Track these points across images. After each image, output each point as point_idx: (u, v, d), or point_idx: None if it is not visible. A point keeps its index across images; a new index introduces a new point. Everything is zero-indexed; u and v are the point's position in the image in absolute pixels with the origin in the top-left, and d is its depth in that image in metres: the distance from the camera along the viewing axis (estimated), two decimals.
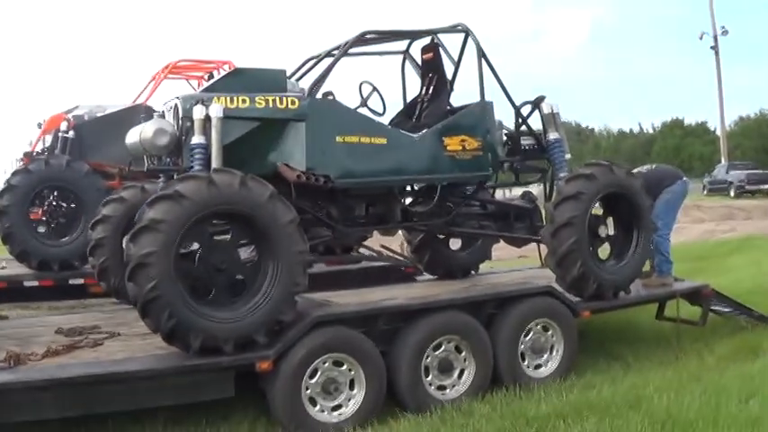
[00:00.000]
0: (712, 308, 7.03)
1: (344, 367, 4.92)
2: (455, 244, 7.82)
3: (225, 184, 4.54)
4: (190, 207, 4.42)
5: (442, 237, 7.47)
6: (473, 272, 7.78)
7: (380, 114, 6.31)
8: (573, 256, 5.82)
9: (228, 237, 4.77)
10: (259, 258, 4.75)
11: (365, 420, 4.89)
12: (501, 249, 7.52)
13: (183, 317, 4.40)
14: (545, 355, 5.79)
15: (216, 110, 4.98)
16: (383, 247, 9.22)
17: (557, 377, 5.71)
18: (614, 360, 6.38)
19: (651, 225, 6.35)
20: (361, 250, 8.99)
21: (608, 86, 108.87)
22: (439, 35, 6.49)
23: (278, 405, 4.71)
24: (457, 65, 6.34)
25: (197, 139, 4.99)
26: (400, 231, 7.60)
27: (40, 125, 8.54)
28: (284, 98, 5.25)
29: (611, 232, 6.35)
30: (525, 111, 6.51)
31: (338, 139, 5.39)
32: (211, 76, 9.10)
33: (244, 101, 5.16)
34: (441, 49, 6.47)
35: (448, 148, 5.86)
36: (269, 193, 4.66)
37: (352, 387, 4.94)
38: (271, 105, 5.21)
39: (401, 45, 6.80)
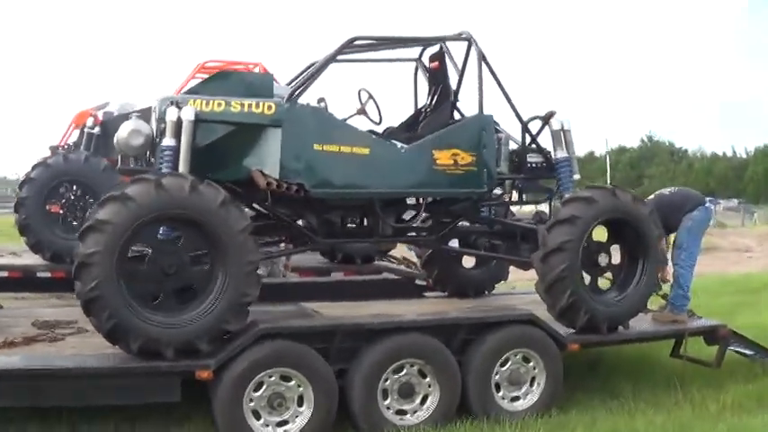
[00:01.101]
0: (736, 349, 6.43)
1: (293, 383, 4.77)
2: (469, 261, 7.54)
3: (174, 188, 4.49)
4: (136, 210, 4.41)
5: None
6: (487, 291, 7.47)
7: (377, 124, 6.17)
8: (562, 284, 5.44)
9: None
10: (210, 265, 4.69)
11: None
12: None
13: (123, 318, 4.39)
14: (524, 388, 5.43)
15: (188, 112, 4.95)
16: (405, 258, 9.08)
17: (534, 412, 5.35)
18: (612, 397, 5.92)
19: (659, 256, 5.87)
20: (385, 260, 8.89)
21: (705, 107, 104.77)
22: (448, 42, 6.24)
23: (218, 415, 4.62)
24: (461, 75, 6.06)
25: (167, 141, 4.97)
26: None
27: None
28: (261, 103, 5.14)
29: (618, 261, 5.93)
30: (536, 126, 6.19)
31: (316, 146, 5.23)
32: None
33: (219, 104, 5.10)
34: (447, 57, 6.21)
35: (438, 161, 5.58)
36: (221, 199, 4.58)
37: (300, 404, 4.79)
38: (246, 110, 5.11)
39: (414, 52, 6.59)
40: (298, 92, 5.31)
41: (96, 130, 8.04)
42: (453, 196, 5.83)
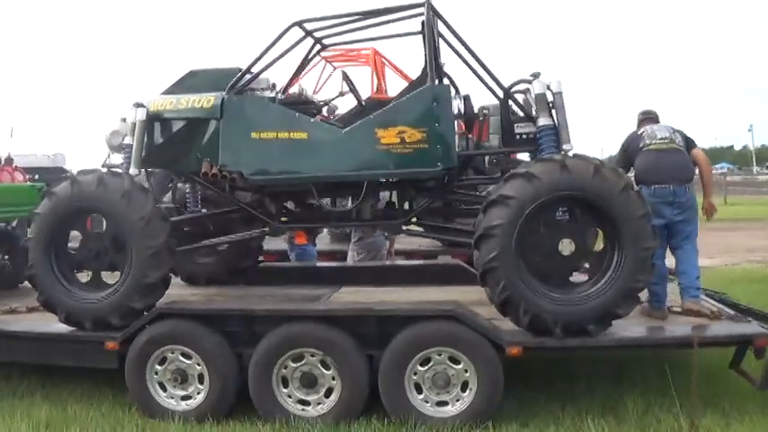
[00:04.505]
0: None
1: (192, 361, 5.04)
2: None
3: (86, 183, 5.14)
4: (58, 203, 5.20)
5: None
6: None
7: (362, 105, 5.95)
8: (494, 276, 4.69)
9: None
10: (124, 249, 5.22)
11: (206, 415, 4.94)
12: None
13: (51, 293, 5.24)
14: (454, 392, 4.79)
15: (140, 113, 5.54)
16: None
17: (466, 420, 4.71)
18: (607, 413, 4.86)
19: (644, 241, 4.60)
20: None
21: None
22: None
23: (127, 383, 5.12)
24: (431, 46, 5.46)
25: (128, 140, 5.63)
26: None
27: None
28: (202, 97, 5.49)
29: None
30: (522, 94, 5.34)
31: (253, 135, 5.35)
32: None
33: (171, 102, 5.59)
34: (426, 27, 5.64)
35: (382, 141, 5.19)
36: (123, 191, 5.07)
37: (201, 381, 5.04)
38: (190, 105, 5.51)
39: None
40: (238, 84, 5.48)
41: None
42: (400, 177, 5.36)
